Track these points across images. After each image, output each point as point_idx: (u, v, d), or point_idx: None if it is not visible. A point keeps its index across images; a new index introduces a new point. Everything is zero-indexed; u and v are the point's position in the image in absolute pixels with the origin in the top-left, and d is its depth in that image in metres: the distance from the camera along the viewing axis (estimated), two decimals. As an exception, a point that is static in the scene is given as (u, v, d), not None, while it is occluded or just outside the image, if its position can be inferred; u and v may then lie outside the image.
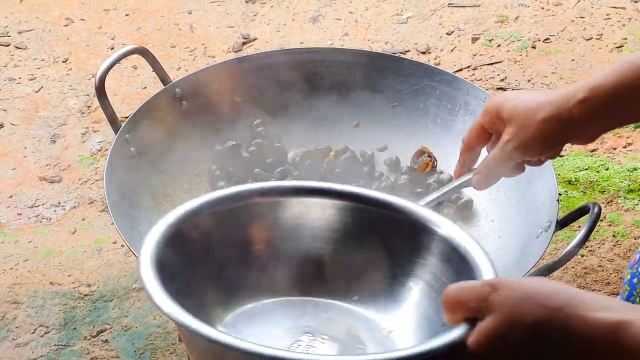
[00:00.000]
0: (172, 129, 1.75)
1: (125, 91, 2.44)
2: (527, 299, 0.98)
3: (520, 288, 0.98)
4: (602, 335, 0.96)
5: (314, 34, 2.62)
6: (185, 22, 2.66)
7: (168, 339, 1.88)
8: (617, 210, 2.13)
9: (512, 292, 0.98)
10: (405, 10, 2.71)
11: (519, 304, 0.97)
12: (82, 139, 2.32)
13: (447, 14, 2.69)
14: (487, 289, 0.99)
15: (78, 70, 2.51)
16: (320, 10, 2.70)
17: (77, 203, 2.16)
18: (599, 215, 1.52)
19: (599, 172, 2.21)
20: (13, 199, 2.17)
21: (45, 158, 2.27)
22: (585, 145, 2.14)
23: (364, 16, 2.68)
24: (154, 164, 1.71)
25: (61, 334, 1.89)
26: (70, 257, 2.04)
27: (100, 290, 1.97)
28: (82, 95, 2.43)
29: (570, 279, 1.99)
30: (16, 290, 1.96)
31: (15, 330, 1.90)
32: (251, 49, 2.55)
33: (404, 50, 2.55)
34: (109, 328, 1.91)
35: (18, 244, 2.06)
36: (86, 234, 2.09)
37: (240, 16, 2.68)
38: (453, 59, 2.53)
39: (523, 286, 0.99)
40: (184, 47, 2.58)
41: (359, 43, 2.56)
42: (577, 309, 0.97)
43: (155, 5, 2.72)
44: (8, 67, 2.52)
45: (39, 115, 2.38)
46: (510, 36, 2.61)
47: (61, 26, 2.65)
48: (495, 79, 2.47)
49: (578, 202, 2.12)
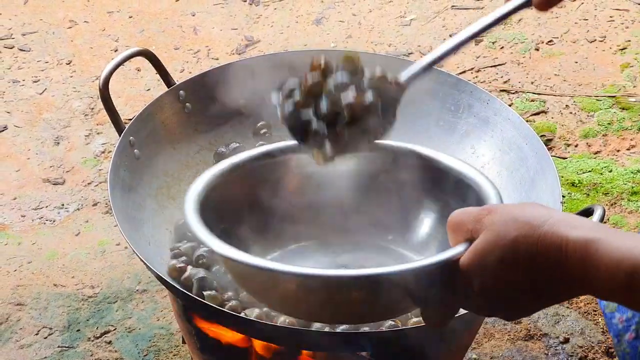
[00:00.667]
0: (176, 131, 1.75)
1: (129, 93, 2.44)
2: (512, 219, 1.05)
3: (509, 210, 1.06)
4: (574, 250, 1.01)
5: (317, 36, 2.62)
6: (189, 24, 2.67)
7: (171, 341, 1.88)
8: (621, 212, 2.13)
9: (501, 214, 1.06)
10: (408, 12, 2.71)
11: (506, 223, 1.05)
12: (85, 141, 2.32)
13: (450, 16, 2.69)
14: (484, 212, 1.08)
15: (82, 73, 2.51)
16: (324, 12, 2.70)
17: (80, 205, 2.17)
18: (603, 217, 1.52)
19: (603, 174, 2.21)
20: (17, 201, 2.17)
21: (48, 160, 2.27)
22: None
23: (368, 18, 2.68)
24: (158, 166, 1.70)
25: (65, 335, 1.90)
26: (73, 259, 2.04)
27: (104, 292, 1.97)
28: (86, 98, 2.44)
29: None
30: (20, 292, 1.97)
31: (19, 332, 1.90)
32: (254, 51, 2.55)
33: (407, 53, 2.55)
34: (113, 330, 1.91)
35: (22, 245, 2.07)
36: (90, 236, 2.09)
37: (244, 18, 2.68)
38: (456, 61, 2.53)
39: (513, 209, 1.07)
40: (188, 49, 2.58)
41: (362, 45, 2.56)
42: (554, 227, 1.03)
43: (158, 8, 2.72)
44: (12, 69, 2.52)
45: (43, 117, 2.39)
46: (513, 38, 2.61)
47: (65, 28, 2.65)
48: (498, 81, 2.47)
49: (581, 204, 2.12)
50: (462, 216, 1.09)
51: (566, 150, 2.29)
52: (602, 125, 2.35)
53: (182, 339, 1.87)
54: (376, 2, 2.74)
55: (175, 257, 1.59)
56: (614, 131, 2.33)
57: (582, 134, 2.33)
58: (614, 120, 2.36)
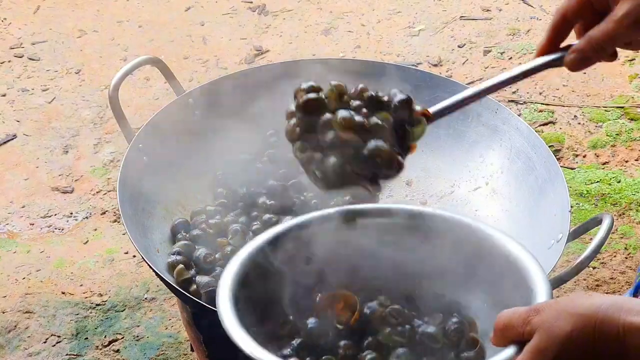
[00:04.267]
0: (185, 139, 1.75)
1: (138, 102, 2.45)
2: (561, 313, 1.03)
3: (557, 306, 1.04)
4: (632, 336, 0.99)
5: (326, 46, 2.62)
6: (198, 33, 2.67)
7: (179, 349, 1.88)
8: (629, 222, 2.12)
9: (550, 311, 1.04)
10: (417, 23, 2.71)
11: (557, 319, 1.03)
12: (94, 149, 2.33)
13: (458, 26, 2.69)
14: (532, 313, 1.05)
15: (91, 82, 2.52)
16: (332, 22, 2.71)
17: (89, 213, 2.17)
18: (612, 227, 1.52)
19: (611, 184, 2.21)
20: (26, 209, 2.18)
21: (57, 168, 2.28)
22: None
23: (376, 29, 2.69)
24: (167, 174, 1.71)
25: (73, 343, 1.90)
26: (82, 267, 2.05)
27: (112, 300, 1.97)
28: (95, 107, 2.44)
29: (582, 291, 1.98)
30: (28, 300, 1.97)
31: (27, 340, 1.90)
32: (263, 61, 2.56)
33: (415, 63, 2.56)
34: (121, 338, 1.91)
35: (30, 254, 2.07)
36: (98, 244, 2.10)
37: (253, 28, 2.69)
38: (465, 72, 2.53)
39: (560, 303, 1.04)
40: (197, 58, 2.59)
41: (371, 55, 2.57)
42: (607, 314, 1.01)
43: (168, 17, 2.73)
44: (21, 78, 2.53)
45: (52, 126, 2.39)
46: (522, 49, 2.61)
47: (74, 38, 2.66)
48: (507, 91, 2.47)
49: (589, 214, 2.12)
50: (512, 318, 1.07)
51: (574, 161, 2.29)
52: (611, 136, 2.35)
53: (191, 347, 1.87)
54: (385, 13, 2.74)
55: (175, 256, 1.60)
56: (622, 142, 2.33)
57: (591, 145, 2.33)
58: (622, 130, 2.36)
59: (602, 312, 1.01)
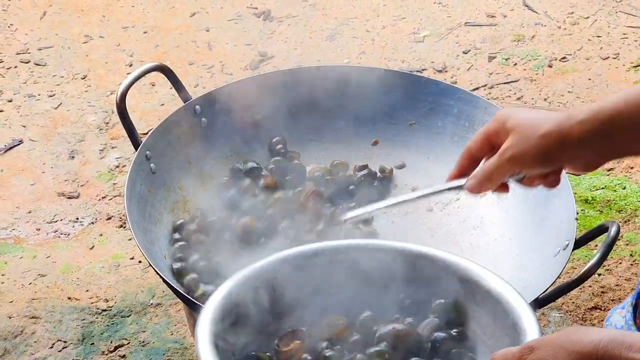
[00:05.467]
0: (192, 145, 1.76)
1: (144, 108, 2.45)
2: (559, 351, 1.03)
3: (553, 342, 1.04)
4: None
5: (330, 52, 2.63)
6: (203, 39, 2.68)
7: (185, 355, 1.89)
8: (635, 229, 2.13)
9: (546, 349, 1.04)
10: (422, 29, 2.72)
11: (554, 358, 1.03)
12: (100, 155, 2.33)
13: (463, 32, 2.70)
14: (526, 351, 1.05)
15: (97, 87, 2.52)
16: (337, 28, 2.71)
17: (95, 219, 2.18)
18: (618, 235, 1.52)
19: (616, 191, 2.21)
20: (32, 215, 2.18)
21: (63, 174, 2.28)
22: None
23: (381, 35, 2.69)
24: (174, 180, 1.71)
25: (79, 349, 1.90)
26: (88, 272, 2.05)
27: (118, 306, 1.98)
28: (101, 112, 2.45)
29: (587, 297, 1.98)
30: (34, 305, 1.97)
31: (34, 345, 1.91)
32: (268, 67, 2.56)
33: (420, 69, 2.56)
34: (127, 343, 1.91)
35: (36, 259, 2.07)
36: (104, 250, 2.10)
37: (258, 34, 2.69)
38: (469, 78, 2.54)
39: (556, 340, 1.04)
40: (202, 64, 2.59)
41: (375, 61, 2.57)
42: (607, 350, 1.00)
43: (173, 23, 2.74)
44: (28, 84, 2.53)
45: (58, 131, 2.40)
46: (526, 55, 2.61)
47: (80, 43, 2.67)
48: (511, 98, 2.47)
49: (595, 221, 2.12)
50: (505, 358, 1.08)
51: (579, 167, 2.29)
52: (616, 142, 2.35)
53: (196, 353, 1.87)
54: (390, 19, 2.75)
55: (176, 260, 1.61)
56: (627, 148, 2.33)
57: (596, 151, 2.33)
58: (627, 137, 2.36)
59: (602, 349, 1.00)
